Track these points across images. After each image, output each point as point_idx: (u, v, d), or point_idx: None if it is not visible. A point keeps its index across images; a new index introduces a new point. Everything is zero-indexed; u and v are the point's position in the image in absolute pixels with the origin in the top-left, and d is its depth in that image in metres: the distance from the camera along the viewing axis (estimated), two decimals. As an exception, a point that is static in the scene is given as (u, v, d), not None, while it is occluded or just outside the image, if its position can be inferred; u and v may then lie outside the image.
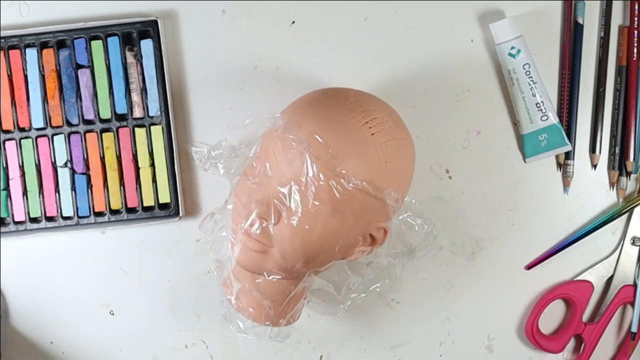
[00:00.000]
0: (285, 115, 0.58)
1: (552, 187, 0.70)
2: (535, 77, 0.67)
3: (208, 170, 0.63)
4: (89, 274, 0.69)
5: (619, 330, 0.71)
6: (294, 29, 0.68)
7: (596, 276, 0.69)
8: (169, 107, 0.67)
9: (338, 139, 0.55)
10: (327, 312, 0.65)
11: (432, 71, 0.69)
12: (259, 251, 0.57)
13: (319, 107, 0.58)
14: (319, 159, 0.55)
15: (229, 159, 0.62)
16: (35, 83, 0.67)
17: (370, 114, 0.57)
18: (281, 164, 0.56)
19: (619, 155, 0.69)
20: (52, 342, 0.70)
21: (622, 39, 0.68)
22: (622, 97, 0.68)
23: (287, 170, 0.56)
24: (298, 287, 0.60)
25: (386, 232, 0.60)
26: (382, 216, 0.59)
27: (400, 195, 0.59)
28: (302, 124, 0.56)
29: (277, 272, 0.58)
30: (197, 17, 0.68)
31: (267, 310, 0.60)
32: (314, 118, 0.56)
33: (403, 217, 0.62)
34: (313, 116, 0.57)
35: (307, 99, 0.60)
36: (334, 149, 0.55)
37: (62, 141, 0.68)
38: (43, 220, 0.68)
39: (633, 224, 0.69)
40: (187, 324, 0.70)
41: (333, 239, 0.57)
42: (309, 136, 0.55)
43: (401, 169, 0.59)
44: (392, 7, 0.68)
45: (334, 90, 0.60)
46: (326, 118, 0.56)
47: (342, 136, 0.56)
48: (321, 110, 0.57)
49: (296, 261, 0.57)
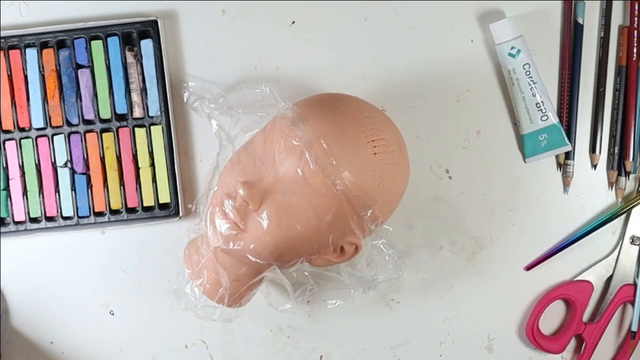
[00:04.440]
0: (297, 108, 0.58)
1: (552, 187, 0.70)
2: (535, 77, 0.67)
3: (195, 111, 0.62)
4: (89, 274, 0.69)
5: (619, 329, 0.71)
6: (294, 29, 0.68)
7: (596, 276, 0.69)
8: (169, 107, 0.67)
9: (341, 148, 0.56)
10: (274, 304, 0.64)
11: (432, 71, 0.69)
12: (231, 232, 0.57)
13: (331, 111, 0.57)
14: (317, 163, 0.55)
15: (222, 116, 0.62)
16: (35, 83, 0.67)
17: (378, 133, 0.57)
18: (278, 155, 0.56)
19: (618, 155, 0.69)
20: (52, 342, 0.70)
21: (622, 39, 0.68)
22: (622, 97, 0.68)
23: (282, 163, 0.56)
24: (260, 276, 0.61)
25: (357, 250, 0.60)
26: (357, 233, 0.59)
27: (381, 219, 0.59)
28: (310, 123, 0.56)
29: (243, 257, 0.58)
30: (197, 17, 0.68)
31: (223, 291, 0.61)
32: (323, 121, 0.56)
33: (377, 243, 0.62)
34: (323, 119, 0.57)
35: (323, 100, 0.60)
36: (334, 156, 0.55)
37: (62, 141, 0.68)
38: (43, 220, 0.68)
39: (632, 224, 0.69)
40: (187, 324, 0.70)
41: (306, 240, 0.57)
42: (313, 137, 0.55)
43: (391, 195, 0.59)
44: (392, 7, 0.68)
45: (351, 99, 0.60)
46: (335, 125, 0.56)
47: (346, 147, 0.56)
48: (332, 116, 0.57)
49: (264, 251, 0.57)
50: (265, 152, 0.57)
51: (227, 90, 0.68)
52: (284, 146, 0.56)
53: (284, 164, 0.56)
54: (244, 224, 0.57)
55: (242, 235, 0.58)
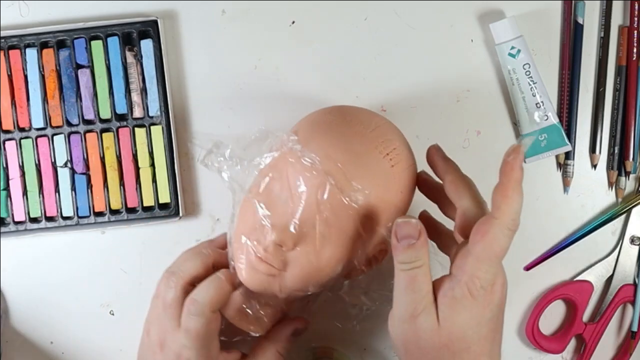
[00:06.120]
0: (302, 137, 0.56)
1: (552, 187, 0.70)
2: (535, 77, 0.67)
3: (206, 167, 0.62)
4: (89, 274, 0.69)
5: (619, 329, 0.71)
6: (294, 29, 0.68)
7: (596, 276, 0.69)
8: (169, 107, 0.67)
9: (360, 171, 0.54)
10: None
11: (432, 71, 0.69)
12: (269, 274, 0.56)
13: (340, 135, 0.56)
14: (341, 191, 0.54)
15: (232, 168, 0.61)
16: (35, 83, 0.67)
17: (389, 144, 0.57)
18: (298, 189, 0.55)
19: (618, 155, 0.69)
20: (52, 342, 0.70)
21: (622, 39, 0.68)
22: (622, 97, 0.69)
23: (304, 198, 0.55)
24: (294, 305, 0.61)
25: (387, 253, 0.59)
26: (386, 240, 0.58)
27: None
28: (322, 153, 0.54)
29: (283, 292, 0.57)
30: (197, 17, 0.68)
31: (263, 321, 0.61)
32: (335, 149, 0.55)
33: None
34: (334, 147, 0.55)
35: (325, 123, 0.58)
36: (357, 182, 0.54)
37: (62, 141, 0.68)
38: (43, 220, 0.68)
39: (632, 223, 0.69)
40: (187, 324, 0.69)
41: (340, 263, 0.57)
42: (331, 167, 0.54)
43: (409, 198, 0.59)
44: (392, 7, 0.68)
45: (352, 114, 0.58)
46: (349, 150, 0.55)
47: (365, 169, 0.55)
48: (343, 141, 0.55)
49: (305, 285, 0.57)
50: (283, 190, 0.56)
51: (227, 90, 0.68)
52: (303, 181, 0.55)
53: (306, 198, 0.55)
54: (282, 265, 0.56)
55: (280, 274, 0.56)
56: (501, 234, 0.50)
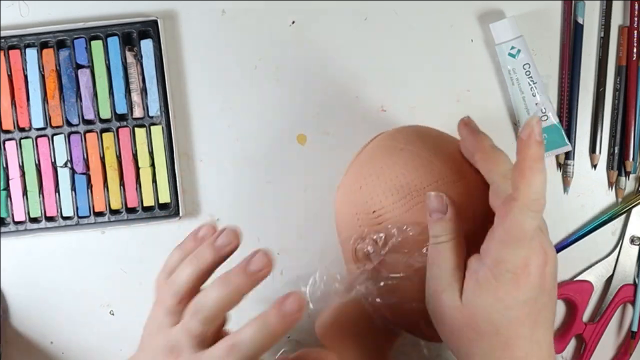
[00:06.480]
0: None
1: (552, 187, 0.69)
2: (535, 77, 0.67)
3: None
4: (89, 274, 0.69)
5: (619, 329, 0.71)
6: (294, 29, 0.68)
7: (596, 276, 0.69)
8: (169, 107, 0.67)
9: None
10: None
11: (432, 71, 0.69)
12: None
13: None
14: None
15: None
16: (35, 83, 0.67)
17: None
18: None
19: (618, 155, 0.69)
20: (52, 342, 0.70)
21: (622, 39, 0.68)
22: (622, 97, 0.69)
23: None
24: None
25: None
26: None
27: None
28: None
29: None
30: (197, 17, 0.68)
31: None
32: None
33: None
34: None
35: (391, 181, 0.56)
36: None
37: (62, 141, 0.68)
38: (43, 220, 0.68)
39: (632, 223, 0.69)
40: (187, 324, 0.69)
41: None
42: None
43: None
44: (392, 7, 0.68)
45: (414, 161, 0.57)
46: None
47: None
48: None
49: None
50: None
51: (227, 90, 0.68)
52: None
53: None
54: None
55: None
56: (522, 216, 0.47)
